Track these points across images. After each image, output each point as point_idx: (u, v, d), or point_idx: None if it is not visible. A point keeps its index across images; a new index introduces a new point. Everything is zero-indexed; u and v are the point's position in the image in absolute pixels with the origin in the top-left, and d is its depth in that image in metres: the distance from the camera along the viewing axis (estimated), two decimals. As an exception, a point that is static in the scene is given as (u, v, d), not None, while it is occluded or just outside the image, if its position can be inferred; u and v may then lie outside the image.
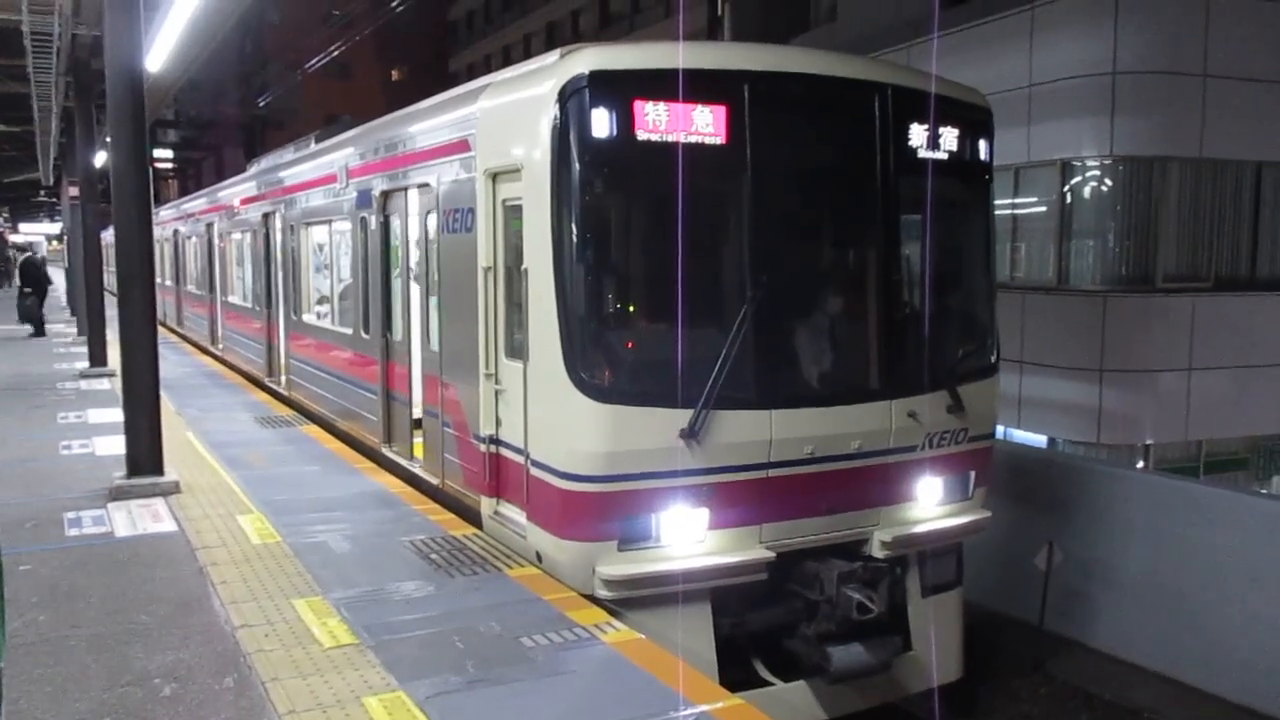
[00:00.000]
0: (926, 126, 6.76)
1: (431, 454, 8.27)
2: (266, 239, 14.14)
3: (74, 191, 20.78)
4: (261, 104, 47.67)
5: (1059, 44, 14.54)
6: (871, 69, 6.96)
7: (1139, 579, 8.66)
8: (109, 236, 13.69)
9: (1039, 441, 14.95)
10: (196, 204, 21.92)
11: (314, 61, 35.01)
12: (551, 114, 5.96)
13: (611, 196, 6.30)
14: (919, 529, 6.86)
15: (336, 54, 34.80)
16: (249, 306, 15.73)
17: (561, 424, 6.07)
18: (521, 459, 6.52)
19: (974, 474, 7.22)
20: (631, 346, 6.36)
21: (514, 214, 6.58)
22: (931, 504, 6.97)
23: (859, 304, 6.80)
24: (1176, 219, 14.35)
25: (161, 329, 15.87)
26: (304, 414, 12.33)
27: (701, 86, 5.98)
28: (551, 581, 6.28)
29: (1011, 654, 8.91)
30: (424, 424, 8.47)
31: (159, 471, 8.54)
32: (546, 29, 53.67)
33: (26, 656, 5.21)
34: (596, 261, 6.09)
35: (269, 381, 14.42)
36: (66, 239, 31.74)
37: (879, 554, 6.67)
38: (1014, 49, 15.05)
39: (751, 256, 6.23)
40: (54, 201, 49.34)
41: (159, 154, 46.90)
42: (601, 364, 6.03)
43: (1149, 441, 14.59)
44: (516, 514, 6.69)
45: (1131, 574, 8.72)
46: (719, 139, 6.06)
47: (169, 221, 24.95)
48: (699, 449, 5.96)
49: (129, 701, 4.77)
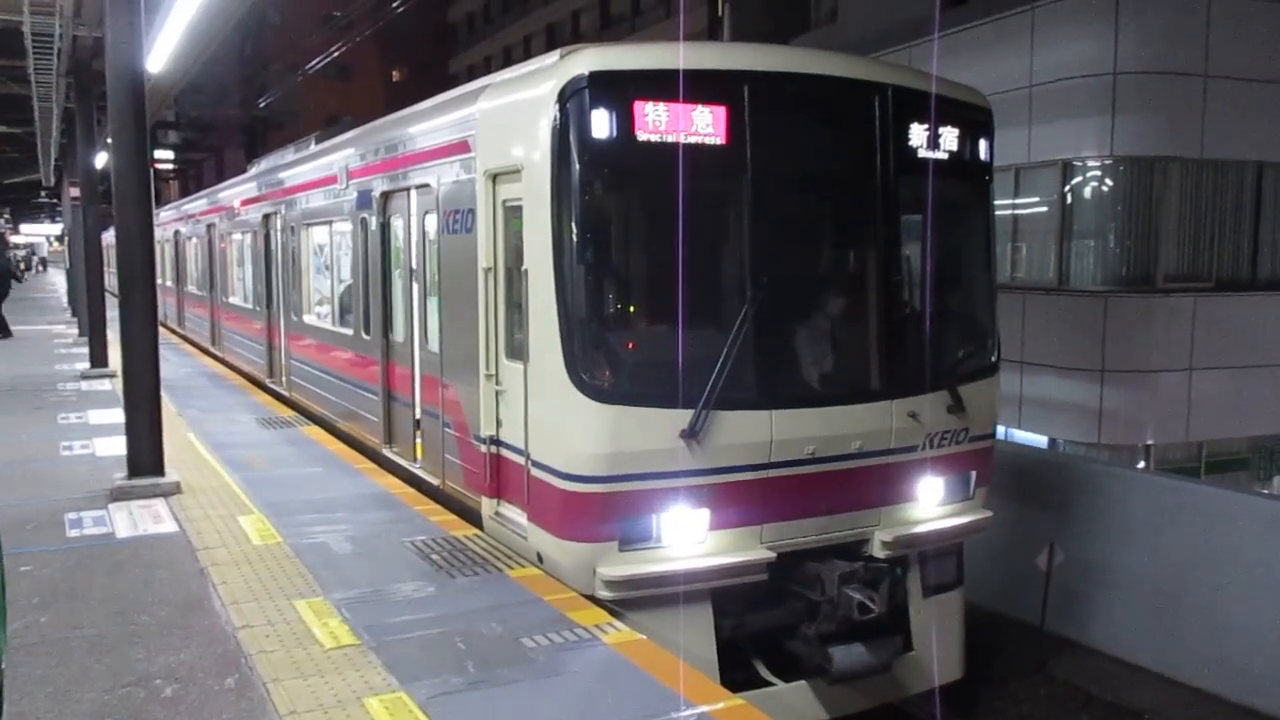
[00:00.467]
0: (927, 127, 6.76)
1: (432, 455, 8.28)
2: (267, 240, 14.14)
3: (75, 192, 20.78)
4: (262, 105, 47.71)
5: (1059, 44, 14.53)
6: (872, 69, 6.96)
7: (1140, 579, 8.66)
8: (110, 237, 13.72)
9: (1040, 442, 14.95)
10: (197, 205, 21.92)
11: (314, 63, 35.02)
12: (551, 115, 5.96)
13: (612, 197, 6.30)
14: (920, 529, 6.86)
15: (337, 55, 34.81)
16: (250, 307, 15.73)
17: (562, 425, 6.07)
18: (522, 460, 6.52)
19: (975, 474, 7.22)
20: (632, 347, 6.36)
21: (514, 215, 6.58)
22: (932, 504, 6.97)
23: (859, 304, 6.79)
24: (1177, 219, 14.34)
25: (162, 330, 15.87)
26: (305, 415, 12.33)
27: (701, 87, 5.98)
28: (552, 582, 6.28)
29: (1012, 654, 8.91)
30: (424, 425, 8.47)
31: (160, 472, 8.54)
32: (546, 30, 53.71)
33: (28, 657, 5.21)
34: (597, 262, 6.09)
35: (270, 382, 14.42)
36: (67, 240, 31.75)
37: (880, 554, 6.67)
38: (1014, 49, 15.04)
39: (752, 257, 6.23)
40: (55, 202, 49.36)
41: (160, 155, 46.82)
42: (602, 364, 6.03)
43: (1150, 442, 14.58)
44: (517, 515, 6.69)
45: (1132, 574, 8.71)
46: (719, 139, 6.06)
47: (170, 222, 24.96)
48: (699, 449, 5.97)
49: (130, 702, 4.77)
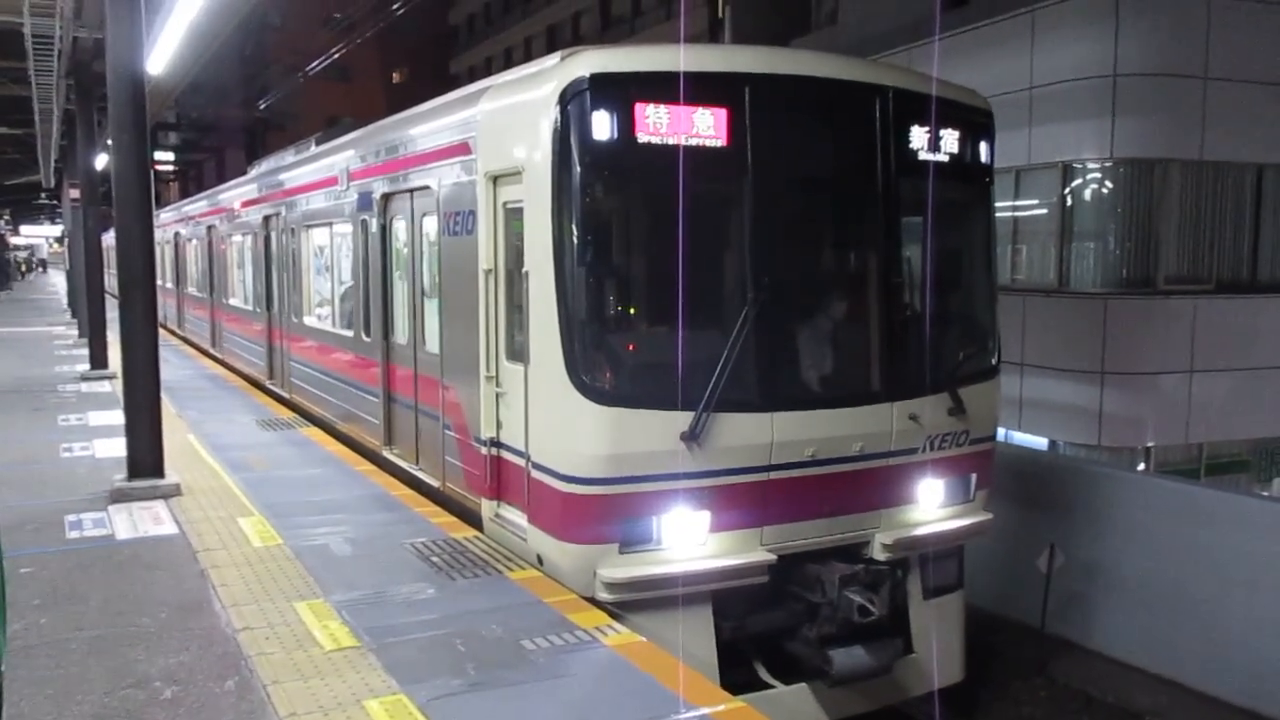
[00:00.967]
0: (927, 129, 6.76)
1: (432, 456, 8.27)
2: (267, 241, 14.14)
3: (75, 194, 20.79)
4: (262, 106, 47.66)
5: (1060, 46, 14.53)
6: (872, 71, 6.96)
7: (1140, 581, 8.66)
8: (110, 239, 13.71)
9: (1040, 444, 14.94)
10: (197, 206, 21.93)
11: (315, 64, 35.02)
12: (552, 116, 5.96)
13: (612, 199, 6.30)
14: (920, 531, 6.86)
15: (337, 57, 34.81)
16: (250, 309, 15.73)
17: (562, 426, 6.06)
18: (522, 461, 6.52)
19: (975, 476, 7.21)
20: (633, 349, 6.36)
21: (515, 216, 6.58)
22: (933, 506, 6.96)
23: (860, 306, 6.80)
24: (1177, 221, 14.34)
25: (162, 331, 15.86)
26: (305, 417, 12.33)
27: (702, 89, 5.98)
28: (552, 584, 6.27)
29: (1013, 657, 8.91)
30: (425, 426, 8.47)
31: (160, 474, 8.54)
32: (547, 32, 53.74)
33: (28, 659, 5.20)
34: (597, 264, 6.08)
35: (270, 384, 14.41)
36: (67, 241, 31.75)
37: (880, 556, 6.66)
38: (1015, 51, 15.05)
39: (752, 259, 6.23)
40: (55, 204, 49.35)
41: (160, 156, 46.82)
42: (602, 366, 6.03)
43: (1150, 444, 14.58)
44: (517, 516, 6.69)
45: (1133, 576, 8.71)
46: (720, 141, 6.06)
47: (170, 224, 24.96)
48: (700, 452, 5.96)
49: (130, 704, 4.76)
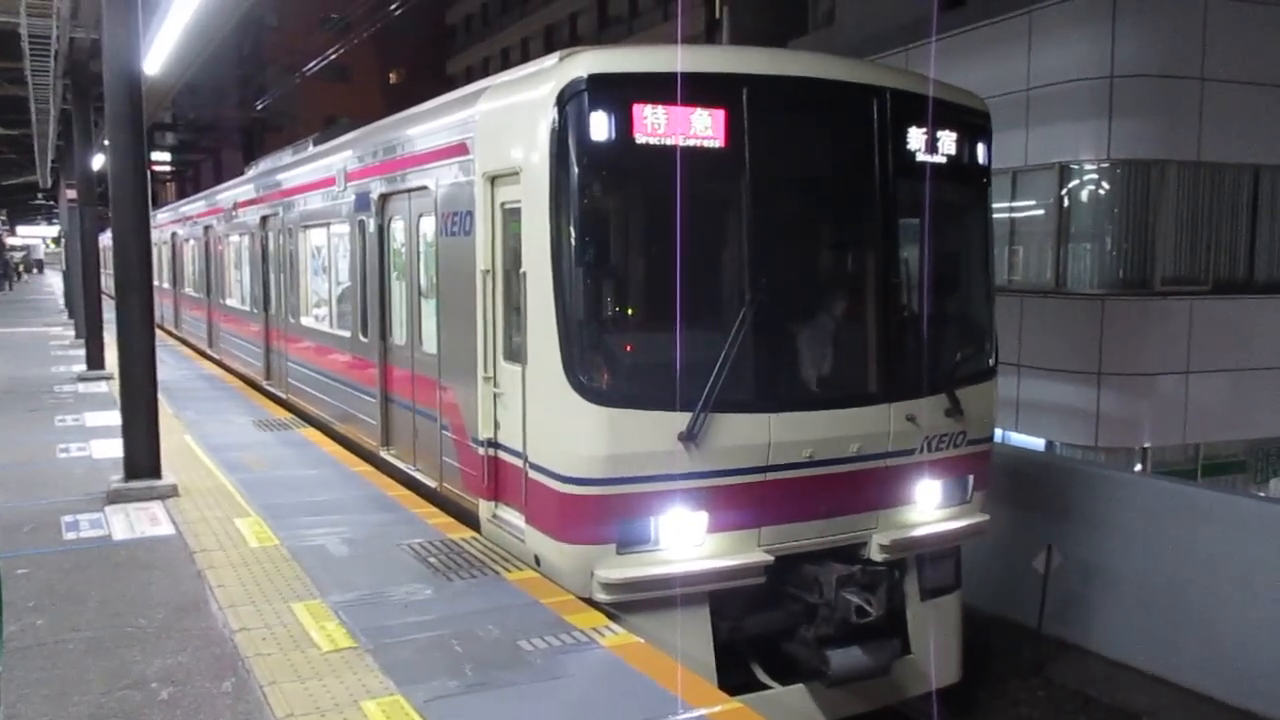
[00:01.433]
0: (925, 130, 6.76)
1: (429, 457, 8.27)
2: (264, 242, 14.13)
3: (72, 194, 20.76)
4: (260, 107, 47.62)
5: (1057, 47, 14.55)
6: (870, 72, 6.96)
7: (1137, 582, 8.67)
8: (107, 239, 13.69)
9: (1037, 445, 14.96)
10: (194, 207, 21.91)
11: (312, 64, 34.98)
12: (550, 117, 5.96)
13: (610, 200, 6.30)
14: (918, 532, 6.86)
15: (335, 57, 34.78)
16: (247, 309, 15.72)
17: (560, 427, 6.06)
18: (520, 462, 6.51)
19: (972, 477, 7.21)
20: (630, 349, 6.36)
21: (512, 217, 6.58)
22: (930, 507, 6.97)
23: (858, 307, 6.80)
24: (1174, 222, 14.37)
25: (159, 332, 15.83)
26: (302, 417, 12.32)
27: (700, 90, 5.98)
28: (550, 585, 6.27)
29: (1010, 657, 8.91)
30: (422, 427, 8.46)
31: (156, 475, 8.52)
32: (545, 32, 53.75)
33: (24, 660, 5.20)
34: (595, 264, 6.07)
35: (267, 385, 14.40)
36: (64, 242, 31.72)
37: (878, 557, 6.66)
38: (1012, 52, 15.07)
39: (750, 260, 6.23)
40: (52, 204, 49.32)
41: (157, 157, 46.84)
42: (600, 367, 6.03)
43: (1147, 445, 14.60)
44: (515, 517, 6.69)
45: (1130, 577, 8.72)
46: (717, 142, 6.06)
47: (167, 224, 24.93)
48: (697, 452, 5.96)
49: (127, 705, 4.76)
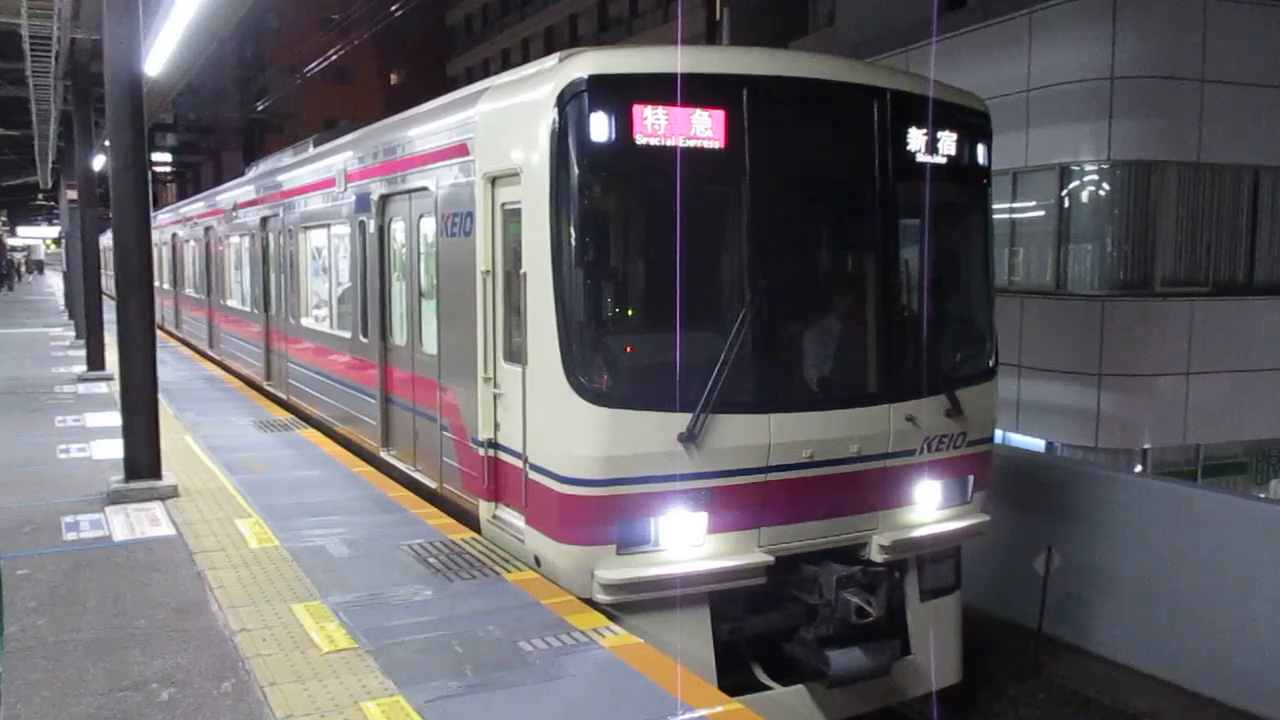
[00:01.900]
0: (925, 131, 6.76)
1: (429, 458, 8.27)
2: (265, 243, 14.14)
3: (72, 195, 20.77)
4: (260, 108, 47.64)
5: (1057, 49, 14.56)
6: (870, 73, 6.96)
7: (1137, 583, 8.67)
8: (107, 240, 13.70)
9: (1037, 446, 14.96)
10: (195, 208, 21.91)
11: (313, 65, 35.00)
12: (550, 118, 5.96)
13: (610, 200, 6.30)
14: (918, 533, 6.86)
15: (335, 58, 34.80)
16: (247, 310, 15.72)
17: (560, 428, 6.06)
18: (520, 463, 6.51)
19: (972, 478, 7.21)
20: (630, 350, 6.36)
21: (513, 218, 6.58)
22: (930, 508, 6.97)
23: (858, 308, 6.80)
24: (1174, 223, 14.38)
25: (159, 333, 15.84)
26: (302, 418, 12.32)
27: (700, 91, 5.99)
28: (550, 586, 6.27)
29: (1010, 658, 8.92)
30: (422, 428, 8.46)
31: (157, 475, 8.53)
32: (545, 33, 53.74)
33: (24, 661, 5.20)
34: (595, 265, 6.08)
35: (267, 386, 14.40)
36: (65, 242, 31.73)
37: (878, 558, 6.67)
38: (1012, 54, 15.08)
39: (750, 260, 6.24)
40: (52, 205, 49.30)
41: (157, 158, 46.80)
42: (600, 368, 6.03)
43: (1147, 446, 14.60)
44: (515, 518, 6.69)
45: (1130, 578, 8.72)
46: (718, 143, 6.06)
47: (167, 225, 24.93)
48: (697, 453, 5.96)
49: (127, 706, 4.76)
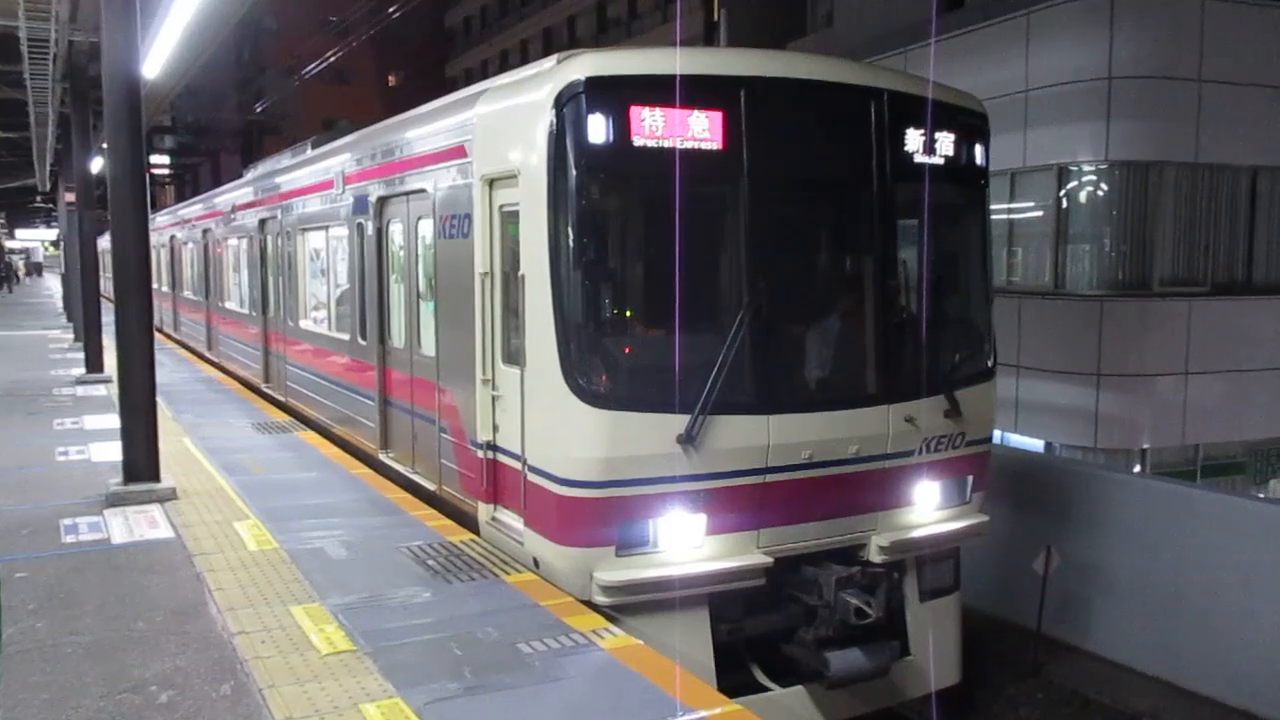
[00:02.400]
0: (923, 132, 6.77)
1: (428, 460, 8.27)
2: (263, 245, 14.13)
3: (70, 197, 20.76)
4: (258, 109, 47.67)
5: (1055, 49, 14.57)
6: (868, 74, 6.97)
7: (1136, 583, 8.67)
8: (105, 242, 13.70)
9: (1036, 446, 14.96)
10: (193, 210, 21.90)
11: (311, 67, 35.01)
12: (548, 119, 5.96)
13: (608, 202, 6.31)
14: (917, 534, 6.86)
15: (334, 59, 34.81)
16: (245, 312, 15.72)
17: (558, 430, 6.06)
18: (519, 465, 6.51)
19: (972, 478, 7.22)
20: (629, 352, 6.36)
21: (511, 220, 6.58)
22: (929, 509, 6.97)
23: (856, 309, 6.80)
24: (1173, 223, 14.39)
25: (157, 335, 15.84)
26: (301, 420, 12.32)
27: (698, 92, 5.99)
28: (549, 587, 6.27)
29: (1009, 658, 8.92)
30: (420, 430, 8.46)
31: (155, 478, 8.52)
32: (543, 35, 53.73)
33: (23, 664, 5.20)
34: (593, 267, 6.08)
35: (265, 388, 14.40)
36: (63, 245, 31.73)
37: (877, 559, 6.67)
38: (1010, 54, 15.09)
39: (748, 262, 6.24)
40: (50, 207, 49.30)
41: (156, 160, 46.81)
42: (598, 369, 6.03)
43: (1146, 446, 14.60)
44: (514, 520, 6.68)
45: (1129, 578, 8.72)
46: (716, 144, 6.06)
47: (165, 227, 24.92)
48: (696, 454, 5.96)
49: (126, 709, 4.75)
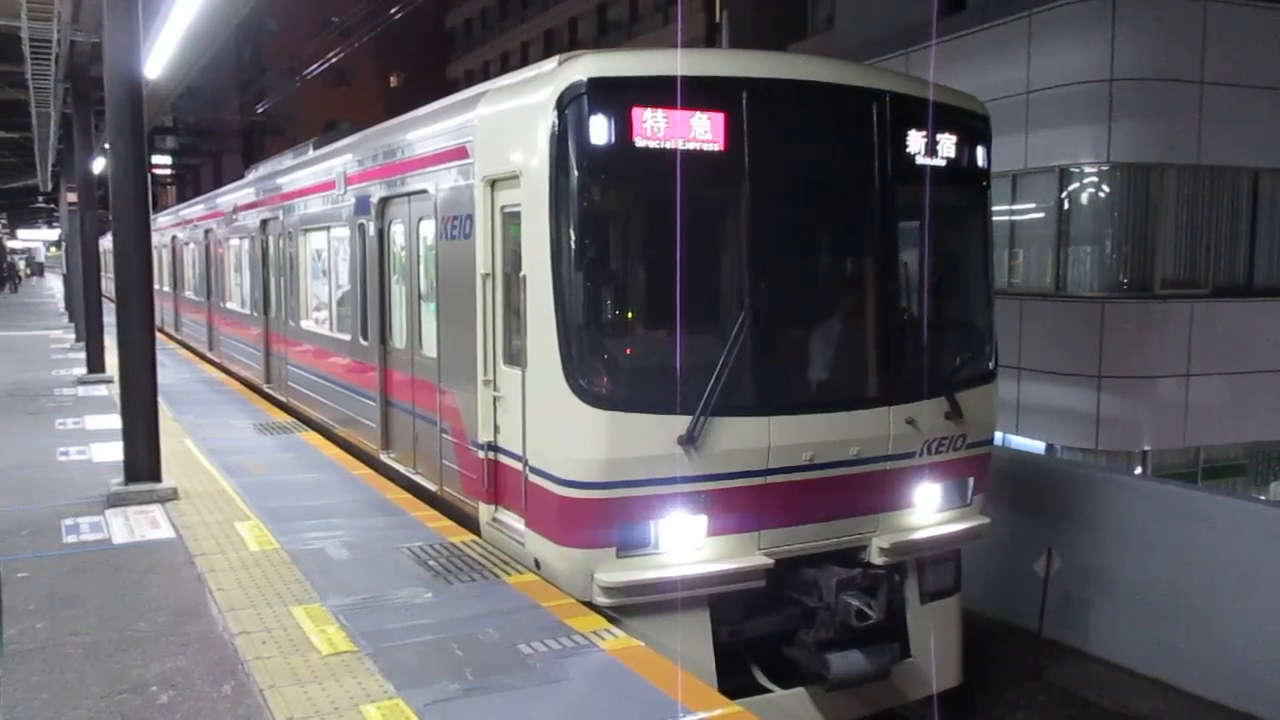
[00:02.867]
0: (924, 133, 6.77)
1: (429, 460, 8.27)
2: (264, 245, 14.14)
3: (72, 198, 20.78)
4: (260, 110, 47.66)
5: (1057, 51, 14.57)
6: (869, 76, 6.97)
7: (1137, 585, 8.66)
8: (107, 243, 13.70)
9: (1037, 448, 14.96)
10: (194, 210, 21.92)
11: (313, 68, 35.04)
12: (550, 121, 5.97)
13: (610, 203, 6.30)
14: (918, 535, 6.86)
15: (335, 60, 34.83)
16: (247, 313, 15.72)
17: (560, 431, 6.06)
18: (520, 466, 6.51)
19: (973, 480, 7.21)
20: (630, 353, 6.36)
21: (512, 221, 6.59)
22: (930, 510, 6.97)
23: (857, 310, 6.80)
24: (1174, 225, 14.38)
25: (159, 336, 15.84)
26: (302, 421, 12.32)
27: (700, 93, 5.99)
28: (550, 588, 6.27)
29: (1010, 661, 8.90)
30: (422, 431, 8.46)
31: (157, 478, 8.53)
32: (544, 36, 53.77)
33: (24, 664, 5.20)
34: (595, 268, 6.08)
35: (267, 388, 14.40)
36: (65, 245, 31.75)
37: (878, 561, 6.66)
38: (1012, 56, 15.08)
39: (750, 263, 6.24)
40: (52, 207, 49.38)
41: (157, 160, 46.86)
42: (600, 370, 6.03)
43: (1147, 448, 14.60)
44: (515, 521, 6.68)
45: (1130, 580, 8.71)
46: (717, 146, 6.06)
47: (167, 228, 24.94)
48: (697, 455, 5.96)
49: (126, 709, 4.76)
